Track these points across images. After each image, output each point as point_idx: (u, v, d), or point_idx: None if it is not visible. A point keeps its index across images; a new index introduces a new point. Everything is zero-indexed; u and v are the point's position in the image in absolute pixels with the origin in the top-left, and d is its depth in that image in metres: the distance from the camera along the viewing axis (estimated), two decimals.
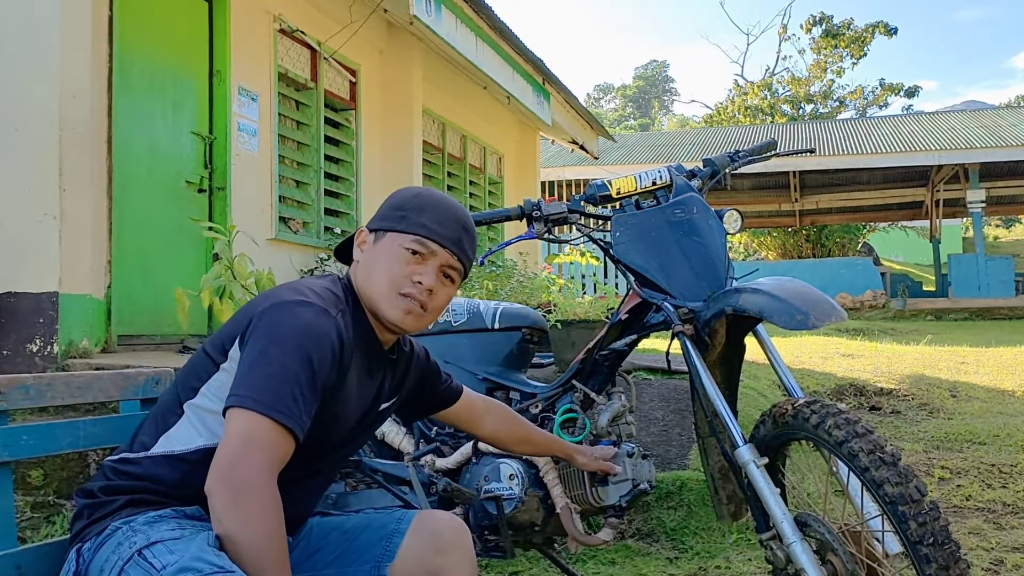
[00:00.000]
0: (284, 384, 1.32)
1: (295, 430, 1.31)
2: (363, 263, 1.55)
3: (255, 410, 1.29)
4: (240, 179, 5.30)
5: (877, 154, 16.80)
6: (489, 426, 1.96)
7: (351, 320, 1.50)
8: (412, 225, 1.53)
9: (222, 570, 1.19)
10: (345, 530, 1.59)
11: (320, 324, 1.40)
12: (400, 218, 1.54)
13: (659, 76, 59.03)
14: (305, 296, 1.44)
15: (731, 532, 3.12)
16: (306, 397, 1.34)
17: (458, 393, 1.92)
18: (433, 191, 1.61)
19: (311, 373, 1.35)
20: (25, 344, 3.85)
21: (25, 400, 1.56)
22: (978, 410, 5.32)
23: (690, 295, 1.91)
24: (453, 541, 1.55)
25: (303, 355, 1.35)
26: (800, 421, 1.69)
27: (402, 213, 1.55)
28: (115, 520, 1.36)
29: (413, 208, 1.55)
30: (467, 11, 6.27)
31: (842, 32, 28.47)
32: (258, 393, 1.30)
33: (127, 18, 4.54)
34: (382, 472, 2.35)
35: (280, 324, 1.38)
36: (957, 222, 27.17)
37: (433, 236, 1.53)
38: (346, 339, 1.44)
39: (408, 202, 1.56)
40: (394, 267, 1.52)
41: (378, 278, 1.52)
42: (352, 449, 1.68)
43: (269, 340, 1.36)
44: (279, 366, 1.33)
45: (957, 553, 1.48)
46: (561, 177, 16.83)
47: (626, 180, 2.09)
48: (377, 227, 1.56)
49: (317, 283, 1.52)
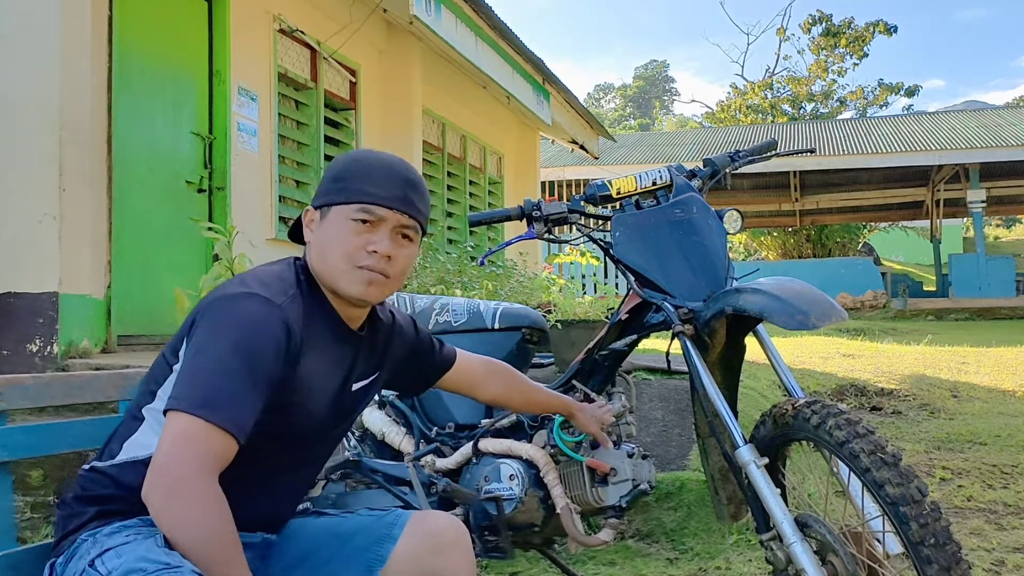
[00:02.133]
0: (219, 382, 1.29)
1: (230, 428, 1.27)
2: (314, 243, 1.50)
3: (187, 411, 1.26)
4: (240, 179, 5.30)
5: (877, 154, 16.80)
6: (490, 390, 1.93)
7: (305, 304, 1.45)
8: (354, 194, 1.47)
9: (168, 567, 1.18)
10: (337, 534, 1.55)
11: (261, 315, 1.36)
12: (340, 190, 1.48)
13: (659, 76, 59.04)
14: (248, 287, 1.40)
15: (731, 533, 3.11)
16: (245, 393, 1.30)
17: (451, 359, 1.87)
18: (369, 153, 1.54)
19: (250, 368, 1.31)
20: (25, 344, 3.84)
21: (23, 400, 1.56)
22: (979, 410, 5.31)
23: (690, 295, 1.91)
24: (451, 541, 1.52)
25: (241, 350, 1.32)
26: (801, 421, 1.69)
27: (341, 184, 1.48)
28: (83, 532, 1.35)
29: (352, 176, 1.49)
30: (467, 11, 6.27)
31: (842, 31, 28.46)
32: (191, 393, 1.28)
33: (127, 18, 4.54)
34: (382, 472, 2.35)
35: (219, 319, 1.36)
36: (958, 222, 27.16)
37: (378, 200, 1.46)
38: (295, 326, 1.40)
39: (346, 170, 1.50)
40: (346, 241, 1.46)
41: (332, 255, 1.47)
42: (334, 435, 1.63)
43: (207, 337, 1.34)
44: (215, 363, 1.30)
45: (958, 554, 1.47)
46: (561, 177, 16.83)
47: (626, 180, 2.08)
48: (321, 203, 1.50)
49: (267, 270, 1.48)
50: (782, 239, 22.67)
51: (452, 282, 5.32)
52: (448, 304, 2.50)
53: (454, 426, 2.37)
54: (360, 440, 2.46)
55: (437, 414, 2.42)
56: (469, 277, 5.59)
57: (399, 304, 2.51)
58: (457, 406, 2.38)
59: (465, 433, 2.34)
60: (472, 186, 9.22)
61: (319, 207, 1.50)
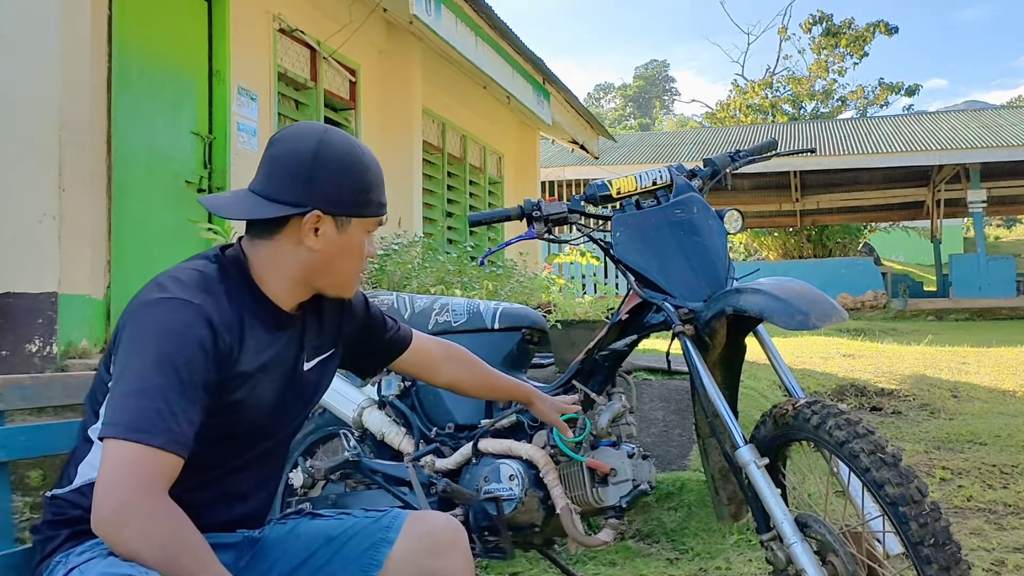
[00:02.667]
0: (149, 401, 1.25)
1: (168, 447, 1.24)
2: (324, 251, 1.44)
3: (120, 437, 1.23)
4: (240, 179, 5.29)
5: (878, 154, 16.81)
6: (446, 373, 1.89)
7: (231, 296, 1.41)
8: (376, 208, 1.47)
9: None
10: (333, 537, 1.52)
11: (181, 320, 1.31)
12: (366, 203, 1.46)
13: (659, 76, 59.05)
14: (165, 291, 1.36)
15: (731, 533, 3.11)
16: (178, 407, 1.27)
17: (407, 339, 1.82)
18: (368, 155, 1.49)
19: (179, 379, 1.28)
20: (24, 344, 3.84)
21: (22, 401, 1.56)
22: (979, 410, 5.31)
23: (690, 295, 1.91)
24: (448, 542, 1.49)
25: (166, 362, 1.27)
26: (801, 422, 1.69)
27: (366, 197, 1.45)
28: (58, 555, 1.35)
29: (373, 187, 1.46)
30: (467, 10, 6.27)
31: (842, 31, 28.48)
32: (120, 417, 1.25)
33: (126, 18, 4.54)
34: (382, 473, 2.34)
35: (138, 332, 1.32)
36: (958, 222, 27.17)
37: (386, 211, 1.50)
38: (220, 323, 1.35)
39: (366, 181, 1.46)
40: (361, 253, 1.48)
41: (349, 267, 1.48)
42: (296, 419, 1.58)
43: (130, 353, 1.31)
44: (141, 382, 1.27)
45: (958, 554, 1.47)
46: (561, 177, 16.84)
47: (626, 180, 2.08)
48: (342, 213, 1.44)
49: (186, 267, 1.44)
50: (782, 239, 22.68)
51: (452, 282, 5.32)
52: (448, 304, 2.50)
53: (454, 426, 2.37)
54: (360, 440, 2.45)
55: (437, 414, 2.41)
56: (469, 277, 5.59)
57: (399, 304, 2.51)
58: (457, 406, 2.38)
59: (465, 433, 2.34)
60: (472, 186, 9.22)
61: (337, 215, 1.43)
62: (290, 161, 1.43)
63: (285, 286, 1.46)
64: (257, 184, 1.46)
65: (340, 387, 2.52)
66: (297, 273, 1.45)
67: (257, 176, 1.47)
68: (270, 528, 1.57)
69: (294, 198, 1.41)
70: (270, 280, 1.46)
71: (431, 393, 2.41)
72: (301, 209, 1.41)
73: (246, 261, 1.46)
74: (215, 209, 1.51)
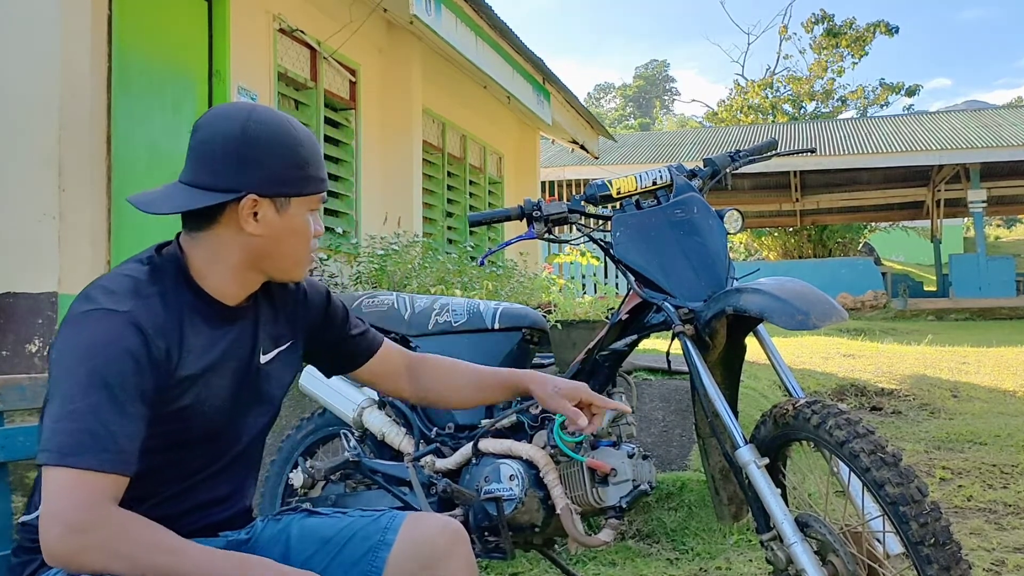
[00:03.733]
0: (82, 423, 1.19)
1: (107, 468, 1.18)
2: (266, 236, 1.35)
3: (52, 464, 1.18)
4: None
5: (878, 154, 16.81)
6: (413, 384, 1.70)
7: (165, 297, 1.32)
8: (316, 183, 1.38)
9: None
10: (327, 540, 1.46)
11: (106, 332, 1.24)
12: (304, 179, 1.36)
13: (659, 76, 59.08)
14: (91, 302, 1.28)
15: (732, 533, 3.11)
16: (115, 424, 1.20)
17: (376, 344, 1.67)
18: (296, 126, 1.38)
19: (111, 395, 1.21)
20: (24, 344, 3.84)
21: (21, 401, 1.56)
22: (979, 410, 5.31)
23: (690, 295, 1.91)
24: (447, 549, 1.41)
25: (96, 379, 1.21)
26: (801, 422, 1.69)
27: (303, 173, 1.36)
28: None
29: (310, 162, 1.37)
30: (467, 10, 6.27)
31: (844, 32, 28.51)
32: (57, 443, 1.18)
33: (126, 18, 4.54)
34: (382, 473, 2.34)
35: (66, 350, 1.25)
36: (958, 222, 27.17)
37: (326, 187, 1.42)
38: (152, 326, 1.27)
39: (301, 156, 1.36)
40: (306, 233, 1.39)
41: (296, 249, 1.39)
42: (259, 417, 1.48)
43: (60, 373, 1.23)
44: (72, 404, 1.20)
45: (958, 554, 1.47)
46: (561, 177, 16.84)
47: (626, 180, 2.08)
48: (278, 192, 1.34)
49: (115, 273, 1.35)
50: (782, 239, 22.69)
51: (452, 282, 5.32)
52: (448, 304, 2.50)
53: (454, 426, 2.37)
54: (360, 440, 2.45)
55: (437, 414, 2.41)
56: (469, 277, 5.59)
57: (399, 304, 2.51)
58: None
59: (465, 433, 2.34)
60: (472, 186, 9.22)
61: (275, 197, 1.34)
62: (217, 145, 1.34)
63: (230, 277, 1.38)
64: (186, 174, 1.37)
65: (340, 387, 2.52)
66: (241, 261, 1.37)
67: (186, 166, 1.38)
68: (262, 526, 1.52)
69: (226, 184, 1.32)
70: (213, 273, 1.37)
71: None
72: (235, 195, 1.32)
73: (184, 257, 1.38)
74: (143, 205, 1.38)
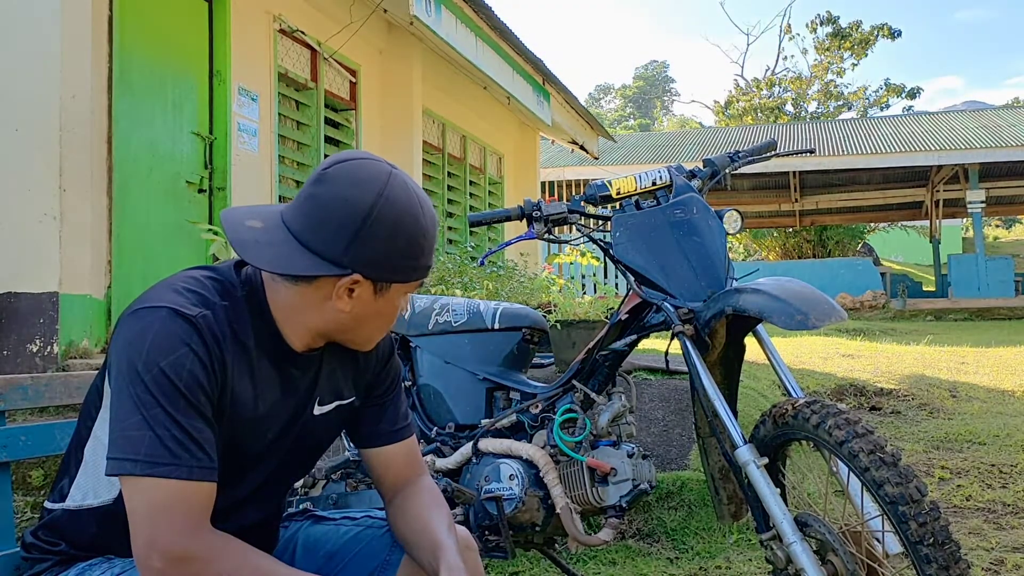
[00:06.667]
0: (157, 429, 1.14)
1: (196, 476, 1.15)
2: (354, 314, 1.28)
3: (141, 474, 1.13)
4: (240, 179, 5.30)
5: (877, 154, 16.81)
6: (392, 508, 1.48)
7: (232, 317, 1.27)
8: (422, 271, 1.32)
9: None
10: (332, 553, 1.43)
11: (170, 332, 1.18)
12: (412, 269, 1.29)
13: (659, 76, 59.05)
14: (160, 299, 1.22)
15: (731, 532, 3.12)
16: (190, 427, 1.16)
17: (397, 435, 1.51)
18: (424, 218, 1.29)
19: (183, 401, 1.16)
20: (25, 344, 3.84)
21: (23, 401, 1.57)
22: (978, 410, 5.31)
23: (690, 295, 1.91)
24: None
25: (164, 384, 1.16)
26: (800, 421, 1.69)
27: (413, 263, 1.28)
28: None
29: (423, 254, 1.30)
30: (467, 11, 6.27)
31: (849, 33, 28.59)
32: (133, 451, 1.13)
33: (127, 18, 4.54)
34: None
35: (130, 352, 1.18)
36: (957, 222, 27.19)
37: (432, 270, 1.38)
38: (211, 340, 1.21)
39: (417, 248, 1.28)
40: (394, 316, 1.35)
41: (376, 328, 1.34)
42: (298, 467, 1.43)
43: (124, 374, 1.17)
44: (143, 408, 1.15)
45: (957, 553, 1.48)
46: (561, 177, 16.84)
47: (626, 180, 2.09)
48: (383, 278, 1.26)
49: (186, 276, 1.29)
50: (782, 239, 22.69)
51: (452, 282, 5.33)
52: (448, 304, 2.51)
53: (454, 426, 2.37)
54: None
55: (437, 414, 2.42)
56: (469, 277, 5.60)
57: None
58: (457, 406, 2.39)
59: (465, 433, 2.35)
60: (472, 186, 9.23)
61: (378, 280, 1.26)
62: (339, 211, 1.22)
63: (302, 332, 1.31)
64: (294, 221, 1.25)
65: None
66: (318, 327, 1.30)
67: (295, 208, 1.26)
68: None
69: (334, 256, 1.22)
70: (288, 322, 1.30)
71: (432, 392, 2.41)
72: (340, 271, 1.23)
73: (264, 292, 1.31)
74: (239, 247, 1.25)
